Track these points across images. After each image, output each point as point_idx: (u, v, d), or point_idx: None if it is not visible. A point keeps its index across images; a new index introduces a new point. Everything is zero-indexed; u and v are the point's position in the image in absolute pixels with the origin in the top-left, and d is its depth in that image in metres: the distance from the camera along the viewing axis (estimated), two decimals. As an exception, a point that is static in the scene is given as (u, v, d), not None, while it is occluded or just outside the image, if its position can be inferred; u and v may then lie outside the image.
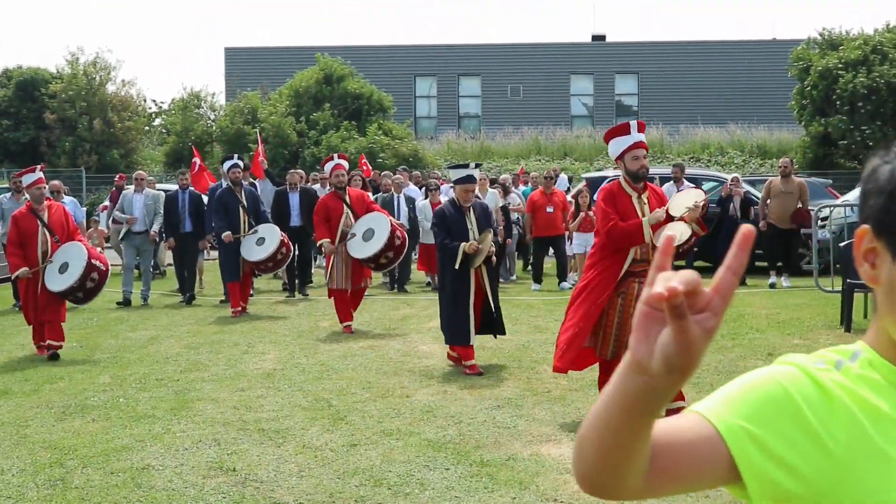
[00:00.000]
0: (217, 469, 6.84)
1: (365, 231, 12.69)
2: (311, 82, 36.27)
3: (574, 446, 1.56)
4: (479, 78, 46.67)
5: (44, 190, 11.81)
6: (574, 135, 39.21)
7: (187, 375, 10.16)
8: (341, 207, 12.99)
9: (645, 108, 45.19)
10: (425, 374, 9.93)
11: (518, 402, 8.56)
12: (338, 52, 39.17)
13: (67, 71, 40.15)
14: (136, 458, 7.15)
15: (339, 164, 13.51)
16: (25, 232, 11.53)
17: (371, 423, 7.95)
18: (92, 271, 11.36)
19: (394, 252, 12.77)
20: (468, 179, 10.23)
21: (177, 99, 39.16)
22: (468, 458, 6.94)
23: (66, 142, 38.20)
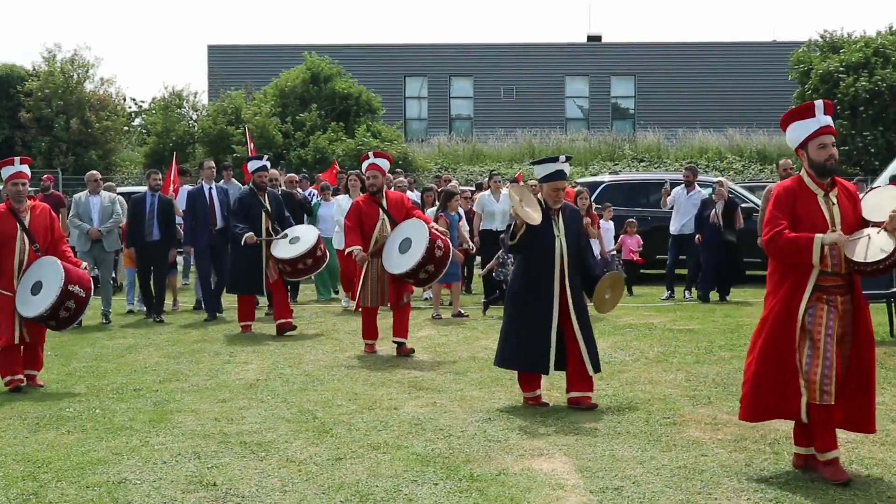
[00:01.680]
0: (197, 483, 6.81)
1: (401, 241, 11.53)
2: (297, 82, 36.27)
3: None
4: (472, 79, 46.73)
5: (24, 187, 10.35)
6: (569, 138, 39.28)
7: (166, 386, 10.13)
8: (377, 213, 11.84)
9: (642, 111, 45.33)
10: (414, 385, 9.91)
11: (510, 415, 8.55)
12: (325, 50, 39.16)
13: (44, 68, 40.03)
14: (113, 471, 7.12)
15: (374, 163, 12.13)
16: (2, 237, 10.15)
17: (357, 437, 7.93)
18: (67, 298, 10.01)
19: (435, 265, 11.46)
20: (557, 176, 8.98)
21: (157, 98, 39.10)
22: (458, 472, 6.92)
23: (41, 142, 38.09)
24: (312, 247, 13.37)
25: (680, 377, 10.05)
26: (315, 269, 13.92)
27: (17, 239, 10.17)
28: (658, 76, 45.10)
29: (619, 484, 6.61)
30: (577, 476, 6.80)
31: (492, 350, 11.53)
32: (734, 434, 7.79)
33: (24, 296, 10.07)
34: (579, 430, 7.99)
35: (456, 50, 46.78)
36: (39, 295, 10.00)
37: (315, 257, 13.51)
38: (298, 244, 13.45)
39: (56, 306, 9.92)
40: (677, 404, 8.83)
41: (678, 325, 13.33)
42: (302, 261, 13.39)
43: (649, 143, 37.38)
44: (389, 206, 11.92)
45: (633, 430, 8.00)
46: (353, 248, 11.63)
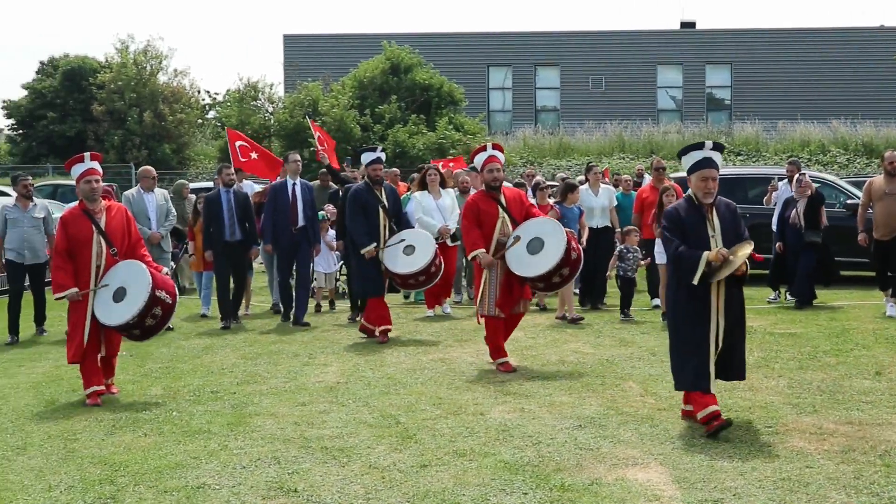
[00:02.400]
0: (277, 490, 6.89)
1: (530, 241, 10.91)
2: (376, 72, 36.48)
3: None
4: (558, 68, 46.63)
5: (98, 184, 9.95)
6: (661, 130, 39.05)
7: (244, 388, 10.25)
8: (496, 210, 11.14)
9: (738, 101, 44.85)
10: (501, 389, 9.91)
11: (602, 422, 8.52)
12: (406, 39, 39.35)
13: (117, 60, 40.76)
14: (191, 476, 7.23)
15: (493, 155, 11.39)
16: (76, 239, 9.76)
17: (442, 443, 7.96)
18: (155, 305, 9.64)
19: (570, 267, 10.95)
20: (706, 164, 8.36)
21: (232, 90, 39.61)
22: (547, 481, 6.92)
23: (114, 135, 38.77)
24: (428, 263, 12.85)
25: (782, 384, 9.92)
26: (427, 284, 13.44)
27: (93, 242, 9.80)
28: (756, 64, 44.61)
29: (719, 496, 6.55)
30: (673, 487, 6.76)
31: (582, 353, 11.55)
32: (841, 445, 7.68)
33: (105, 303, 9.69)
34: (675, 439, 7.94)
35: (542, 38, 46.72)
36: (124, 302, 9.62)
37: (429, 274, 13.02)
38: (413, 257, 12.93)
39: (143, 314, 9.58)
40: (780, 412, 8.72)
41: (779, 329, 13.16)
42: (415, 277, 13.00)
43: (747, 135, 36.98)
44: (508, 204, 11.25)
45: (733, 438, 7.92)
46: (478, 251, 10.96)
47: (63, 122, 42.31)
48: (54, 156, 42.04)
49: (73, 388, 10.39)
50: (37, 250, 14.33)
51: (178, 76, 41.95)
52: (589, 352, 11.78)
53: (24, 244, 14.19)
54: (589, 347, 12.09)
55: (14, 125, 45.67)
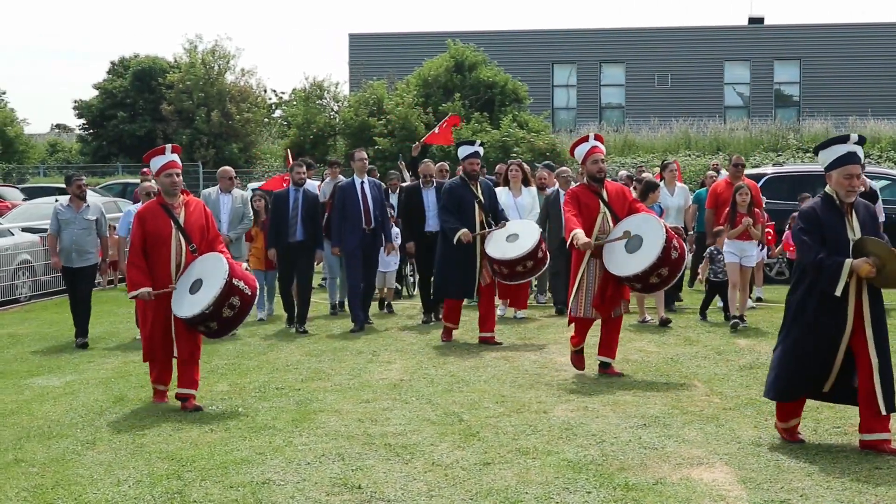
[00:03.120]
0: (341, 486, 6.92)
1: (629, 239, 10.35)
2: (440, 70, 36.50)
3: None
4: (623, 65, 46.40)
5: (179, 178, 9.62)
6: (728, 128, 38.67)
7: (309, 385, 10.32)
8: (598, 205, 10.53)
9: (808, 98, 44.33)
10: (564, 387, 9.89)
11: (666, 421, 8.46)
12: (470, 37, 39.35)
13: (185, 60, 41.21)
14: (256, 471, 7.29)
15: (595, 146, 10.79)
16: (154, 235, 9.36)
17: (505, 441, 7.95)
18: (232, 294, 9.16)
19: (670, 268, 10.35)
20: (850, 159, 7.70)
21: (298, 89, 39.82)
22: (611, 481, 6.89)
23: (182, 135, 39.20)
24: (534, 247, 12.20)
25: (851, 384, 9.78)
26: (535, 272, 12.76)
27: (171, 239, 9.40)
28: (825, 60, 44.07)
29: (786, 497, 6.48)
30: (739, 487, 6.70)
31: (644, 353, 11.46)
32: (911, 446, 7.56)
33: (180, 296, 9.33)
34: (741, 439, 7.86)
35: (606, 35, 46.51)
36: (199, 292, 9.19)
37: (536, 259, 12.32)
38: (518, 242, 12.32)
39: (220, 302, 9.08)
40: (848, 412, 8.57)
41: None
42: (521, 262, 12.23)
43: (816, 132, 36.50)
44: (610, 198, 10.64)
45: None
46: (576, 230, 10.18)
47: (133, 122, 42.89)
48: (124, 155, 42.62)
49: (141, 384, 10.50)
50: (86, 252, 13.66)
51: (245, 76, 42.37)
52: (653, 350, 11.71)
53: (72, 246, 13.56)
54: (653, 346, 12.02)
55: (85, 125, 46.38)
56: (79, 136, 48.09)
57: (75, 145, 48.04)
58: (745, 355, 11.36)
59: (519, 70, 39.80)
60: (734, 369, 10.64)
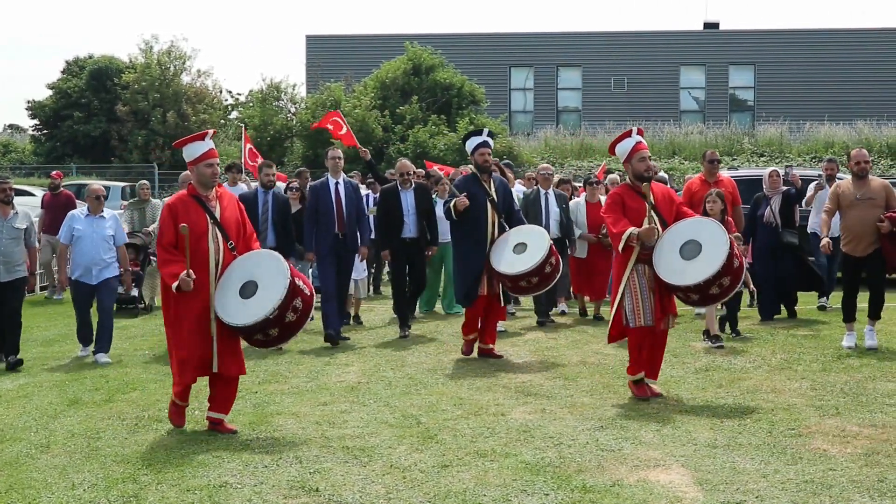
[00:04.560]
0: (299, 489, 6.90)
1: (685, 244, 9.28)
2: (398, 73, 36.56)
3: None
4: (580, 69, 46.61)
5: (218, 167, 8.58)
6: (684, 132, 38.95)
7: (266, 387, 10.28)
8: (643, 208, 9.45)
9: (762, 102, 44.73)
10: (522, 390, 9.90)
11: (623, 423, 8.50)
12: (427, 40, 39.42)
13: (140, 60, 40.97)
14: (213, 474, 7.25)
15: (641, 142, 9.70)
16: (189, 231, 8.24)
17: (463, 443, 7.95)
18: (295, 296, 8.14)
19: (732, 277, 9.19)
20: None
21: (255, 90, 39.75)
22: (569, 482, 6.90)
23: (138, 136, 38.96)
24: (542, 262, 11.08)
25: (805, 386, 9.88)
26: (542, 288, 11.56)
27: (208, 235, 8.34)
28: (780, 65, 44.49)
29: (741, 498, 6.53)
30: (695, 489, 6.74)
31: (603, 354, 11.51)
32: (865, 447, 7.64)
33: (230, 301, 8.21)
34: (697, 441, 7.91)
35: (564, 39, 46.70)
36: (257, 296, 8.14)
37: (542, 274, 11.22)
38: (525, 255, 11.21)
39: (285, 305, 8.08)
40: (803, 414, 8.68)
41: (802, 331, 13.11)
42: (526, 278, 11.18)
43: (770, 136, 36.88)
44: (657, 201, 9.61)
45: (756, 441, 7.89)
46: (631, 229, 9.22)
47: (87, 123, 42.49)
48: (78, 156, 42.24)
49: (96, 386, 10.43)
50: (13, 264, 11.98)
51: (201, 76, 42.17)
52: (610, 353, 11.75)
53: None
54: (611, 349, 12.04)
55: (38, 125, 45.90)
56: (32, 136, 47.60)
57: (28, 146, 47.51)
58: (700, 358, 11.42)
59: (476, 73, 39.89)
60: (690, 372, 10.70)
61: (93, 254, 12.16)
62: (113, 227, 12.43)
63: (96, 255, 12.18)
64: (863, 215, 11.62)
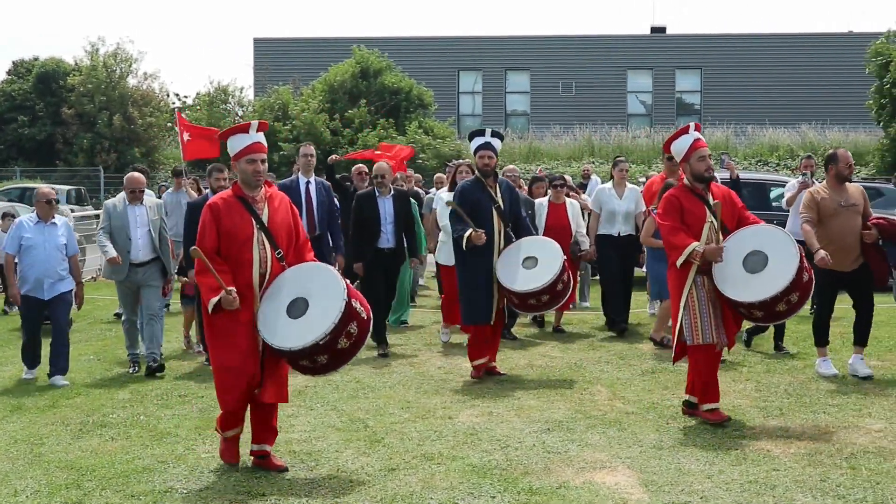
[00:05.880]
0: (245, 494, 6.87)
1: (748, 254, 8.39)
2: (346, 76, 36.50)
3: None
4: (528, 73, 46.75)
5: (264, 165, 7.43)
6: (631, 135, 39.17)
7: (212, 392, 10.13)
8: (703, 212, 8.58)
9: (708, 106, 45.10)
10: (469, 393, 9.91)
11: (570, 426, 8.53)
12: (375, 43, 39.40)
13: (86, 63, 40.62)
14: (158, 480, 7.20)
15: (699, 139, 8.77)
16: (232, 236, 7.22)
17: (410, 447, 7.95)
18: (351, 320, 7.08)
19: (800, 293, 8.28)
20: None
21: (202, 93, 39.54)
22: (516, 485, 6.92)
23: (83, 139, 38.62)
24: (554, 279, 10.20)
25: (749, 387, 9.97)
26: (550, 306, 10.71)
27: (253, 242, 7.25)
28: (726, 70, 44.88)
29: (687, 499, 6.58)
30: (641, 490, 6.78)
31: (548, 359, 11.53)
32: (808, 447, 7.73)
33: (275, 320, 7.17)
34: (643, 443, 7.96)
35: (512, 42, 46.81)
36: (307, 316, 7.09)
37: (554, 293, 10.35)
38: (535, 271, 10.30)
39: (339, 330, 7.01)
40: (747, 416, 8.76)
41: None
42: (536, 296, 10.28)
43: (716, 140, 37.16)
44: None
45: (701, 442, 7.96)
46: (694, 245, 8.34)
47: (33, 126, 42.00)
48: (23, 159, 41.76)
49: (39, 392, 10.31)
50: None
51: (147, 79, 41.85)
52: (557, 355, 11.79)
53: None
54: (557, 351, 12.10)
55: (-19, 128, 45.34)
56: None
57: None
58: (647, 360, 11.49)
59: (425, 76, 39.92)
60: (637, 374, 10.76)
61: (45, 265, 10.94)
62: (66, 235, 11.18)
63: (48, 266, 10.95)
64: (848, 224, 10.40)
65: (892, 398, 9.37)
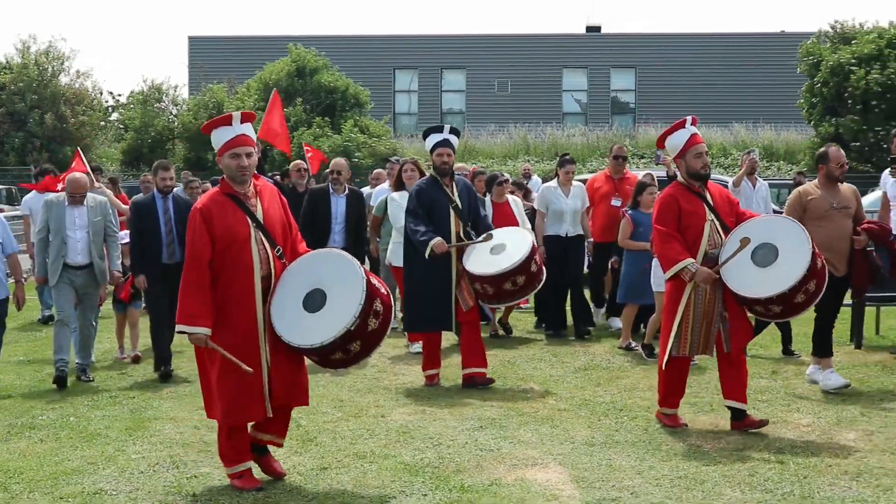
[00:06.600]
0: (176, 494, 6.82)
1: (756, 248, 8.04)
2: (281, 75, 36.36)
3: None
4: (464, 71, 46.82)
5: (252, 159, 6.86)
6: (566, 134, 39.36)
7: (144, 392, 10.13)
8: (703, 210, 8.23)
9: (642, 105, 45.44)
10: (402, 392, 9.92)
11: (502, 423, 8.56)
12: (311, 42, 39.26)
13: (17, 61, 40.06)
14: (88, 481, 7.13)
15: (696, 134, 8.38)
16: (227, 240, 6.68)
17: (343, 445, 7.94)
18: (374, 298, 6.68)
19: (817, 280, 7.91)
20: None
21: (136, 92, 39.17)
22: (448, 482, 6.94)
23: (14, 138, 38.10)
24: (526, 258, 9.76)
25: (680, 383, 10.06)
26: (529, 290, 10.12)
27: (251, 242, 6.73)
28: (660, 69, 45.24)
29: (617, 495, 6.63)
30: (572, 486, 6.83)
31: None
32: (737, 443, 7.83)
33: (294, 319, 6.72)
34: (575, 439, 8.01)
35: (448, 41, 46.85)
36: (329, 306, 6.67)
37: (529, 273, 9.86)
38: (504, 255, 9.88)
39: (366, 310, 6.58)
40: (678, 412, 8.85)
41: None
42: (510, 278, 9.76)
43: (650, 138, 37.44)
44: (715, 203, 8.34)
45: (632, 438, 8.03)
46: (687, 263, 8.00)
47: (-38, 125, 41.38)
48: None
49: (-33, 394, 10.18)
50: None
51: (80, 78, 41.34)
52: (491, 353, 11.80)
53: None
54: (490, 348, 12.09)
55: None
56: None
57: None
58: (579, 357, 11.56)
59: (360, 75, 39.85)
60: (569, 371, 10.83)
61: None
62: (1, 234, 10.14)
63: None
64: (841, 227, 9.77)
65: (819, 394, 9.51)
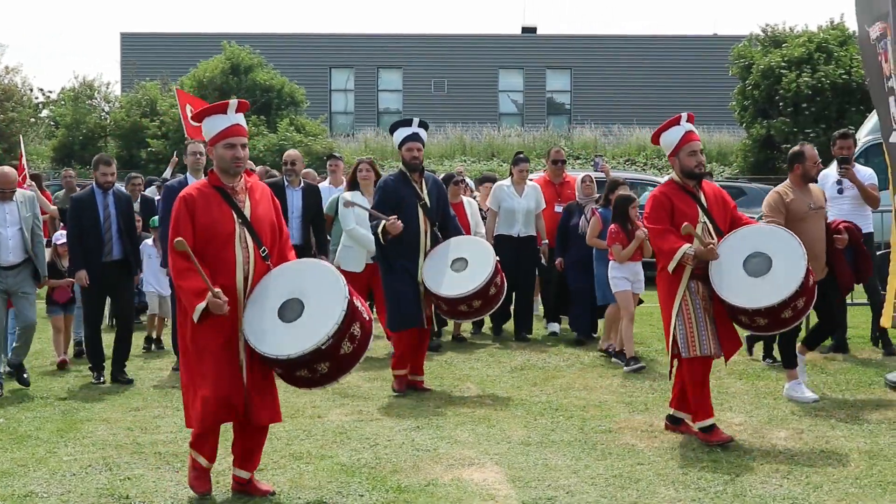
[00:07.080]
0: (108, 497, 6.75)
1: (749, 258, 7.78)
2: (216, 73, 36.05)
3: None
4: (401, 71, 46.76)
5: (245, 150, 6.57)
6: (502, 134, 39.45)
7: (75, 394, 10.02)
8: (695, 211, 7.94)
9: (578, 106, 45.68)
10: (339, 392, 9.88)
11: (439, 423, 8.58)
12: (246, 40, 38.98)
13: (-56, 56, 39.50)
14: (18, 484, 7.03)
15: (691, 131, 8.08)
16: (210, 233, 6.40)
17: (279, 446, 7.90)
18: (354, 320, 6.28)
19: (806, 298, 7.73)
20: None
21: (67, 88, 38.68)
22: (384, 483, 6.94)
23: (-59, 135, 37.53)
24: (486, 283, 9.38)
25: (616, 383, 10.15)
26: (483, 313, 9.83)
27: (235, 239, 6.44)
28: (595, 70, 45.51)
29: (553, 494, 6.67)
30: (508, 486, 6.85)
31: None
32: (671, 442, 7.90)
33: (266, 326, 6.32)
34: (511, 439, 8.05)
35: (384, 40, 46.78)
36: (304, 319, 6.26)
37: (486, 298, 9.52)
38: (465, 274, 9.49)
39: (342, 331, 6.17)
40: (613, 411, 8.93)
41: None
42: (467, 301, 9.47)
43: (585, 139, 37.71)
44: (709, 203, 8.05)
45: (568, 437, 8.07)
46: (684, 248, 7.71)
47: None
48: None
49: None
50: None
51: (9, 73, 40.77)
52: (428, 353, 11.83)
53: None
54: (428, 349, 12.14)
55: None
56: None
57: None
58: (516, 357, 11.61)
59: (296, 74, 39.65)
60: (506, 371, 10.87)
61: None
62: None
63: None
64: (819, 229, 9.49)
65: (752, 393, 9.63)
